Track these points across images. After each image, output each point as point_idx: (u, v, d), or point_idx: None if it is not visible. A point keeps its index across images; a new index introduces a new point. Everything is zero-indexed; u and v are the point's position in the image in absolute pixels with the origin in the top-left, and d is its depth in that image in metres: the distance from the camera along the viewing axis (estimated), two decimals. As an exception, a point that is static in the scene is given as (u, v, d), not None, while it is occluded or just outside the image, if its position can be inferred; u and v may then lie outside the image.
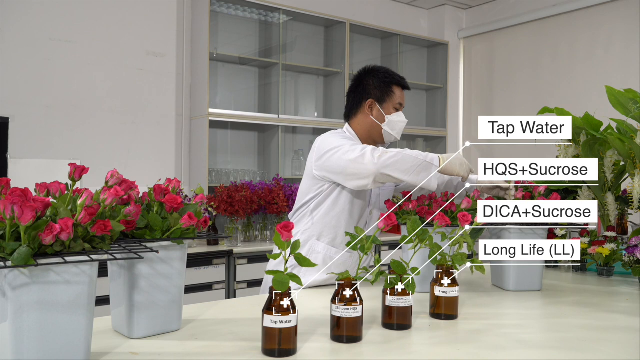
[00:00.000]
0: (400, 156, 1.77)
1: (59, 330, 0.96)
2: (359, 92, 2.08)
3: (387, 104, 2.04)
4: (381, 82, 2.05)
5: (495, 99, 5.23)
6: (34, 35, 3.43)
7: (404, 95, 2.08)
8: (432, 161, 1.79)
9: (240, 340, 1.23)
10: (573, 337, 1.31)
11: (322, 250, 1.97)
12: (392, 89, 2.04)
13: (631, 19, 4.22)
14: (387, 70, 2.08)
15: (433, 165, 1.79)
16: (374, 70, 2.09)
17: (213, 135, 4.10)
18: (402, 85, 2.07)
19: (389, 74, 2.07)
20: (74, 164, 1.14)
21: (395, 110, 2.05)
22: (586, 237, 2.20)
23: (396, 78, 2.06)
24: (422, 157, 1.79)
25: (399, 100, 2.05)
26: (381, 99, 2.04)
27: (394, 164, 1.76)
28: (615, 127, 2.30)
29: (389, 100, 2.04)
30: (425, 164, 1.78)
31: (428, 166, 1.78)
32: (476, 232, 1.92)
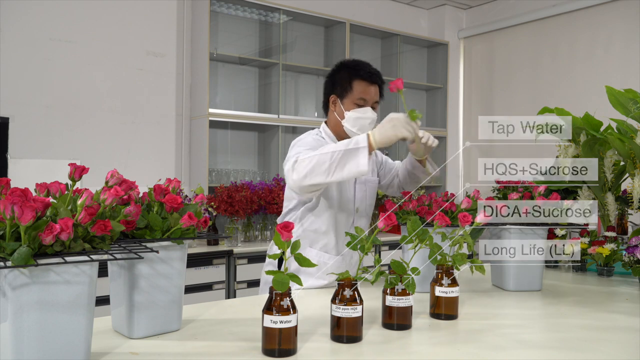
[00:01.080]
0: (316, 159, 1.65)
1: (59, 330, 0.96)
2: (327, 87, 2.05)
3: (347, 100, 1.96)
4: (343, 77, 1.97)
5: (495, 99, 5.23)
6: (34, 35, 3.43)
7: (373, 89, 1.96)
8: (356, 144, 1.63)
9: (240, 340, 1.23)
10: (573, 337, 1.31)
11: (314, 256, 1.96)
12: (352, 84, 1.95)
13: (631, 19, 4.22)
14: (355, 64, 1.99)
15: (359, 147, 1.62)
16: (344, 64, 2.02)
17: (213, 135, 4.10)
18: (367, 80, 1.95)
19: (354, 69, 1.97)
20: (74, 164, 1.14)
21: (356, 106, 1.95)
22: (586, 237, 2.20)
23: (360, 72, 1.95)
24: (342, 147, 1.64)
25: (360, 96, 1.94)
26: (342, 95, 1.97)
27: (310, 172, 1.65)
28: (615, 127, 2.30)
29: (349, 96, 1.95)
30: (347, 152, 1.62)
31: (352, 153, 1.62)
32: (476, 232, 1.93)
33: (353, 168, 1.62)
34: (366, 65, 2.00)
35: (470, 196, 1.90)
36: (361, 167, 1.61)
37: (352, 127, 1.96)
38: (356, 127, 1.95)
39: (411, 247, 1.43)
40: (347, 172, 1.63)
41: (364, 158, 1.60)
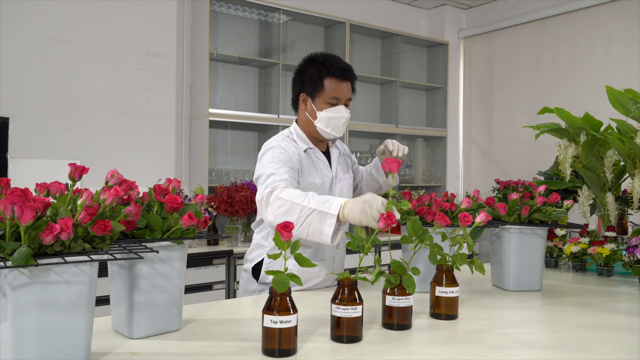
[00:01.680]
0: (288, 206, 1.58)
1: (59, 330, 0.96)
2: (297, 84, 1.95)
3: (318, 99, 1.88)
4: (313, 75, 1.88)
5: (495, 99, 5.23)
6: (34, 35, 3.43)
7: (345, 87, 1.87)
8: (328, 209, 1.52)
9: (240, 340, 1.23)
10: (573, 337, 1.31)
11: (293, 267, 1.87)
12: (324, 82, 1.86)
13: (631, 19, 4.22)
14: (324, 60, 1.89)
15: (329, 213, 1.52)
16: (313, 60, 1.91)
17: (213, 135, 4.10)
18: (338, 77, 1.86)
19: (324, 65, 1.87)
20: (74, 164, 1.14)
21: (329, 105, 1.86)
22: (586, 237, 2.20)
23: (331, 69, 1.85)
24: (313, 205, 1.54)
25: (332, 94, 1.86)
26: (313, 94, 1.89)
27: (281, 216, 1.58)
28: (615, 127, 2.30)
29: (320, 95, 1.87)
30: (317, 212, 1.53)
31: (321, 216, 1.53)
32: (476, 232, 1.93)
33: (317, 232, 1.55)
34: (337, 60, 1.90)
35: (470, 196, 1.90)
36: (324, 236, 1.54)
37: (325, 127, 1.88)
38: (330, 128, 1.88)
39: (411, 247, 1.43)
40: (310, 232, 1.56)
41: (329, 227, 1.52)
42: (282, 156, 1.81)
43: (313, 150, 1.96)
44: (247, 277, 2.00)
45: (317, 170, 1.94)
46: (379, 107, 5.12)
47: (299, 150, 1.91)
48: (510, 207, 1.83)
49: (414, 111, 5.37)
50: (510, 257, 1.81)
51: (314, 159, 1.95)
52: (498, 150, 5.22)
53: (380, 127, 4.81)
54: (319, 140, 1.98)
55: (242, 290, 2.03)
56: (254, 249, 2.01)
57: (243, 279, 2.03)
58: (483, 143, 5.35)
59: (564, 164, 2.30)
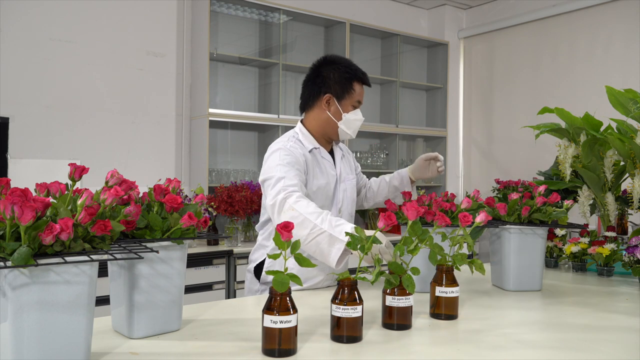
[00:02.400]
0: (301, 219, 1.60)
1: (59, 330, 0.96)
2: (317, 84, 1.96)
3: (345, 101, 1.93)
4: (342, 77, 1.93)
5: (495, 99, 5.23)
6: (34, 35, 3.43)
7: (363, 91, 1.98)
8: (339, 235, 1.55)
9: (240, 340, 1.23)
10: (573, 337, 1.31)
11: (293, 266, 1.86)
12: (353, 86, 1.93)
13: (631, 19, 4.22)
14: (349, 64, 1.96)
15: (339, 239, 1.55)
16: (335, 63, 1.96)
17: (213, 135, 4.10)
18: (364, 82, 1.96)
19: (350, 69, 1.94)
20: (74, 164, 1.14)
21: (353, 107, 1.94)
22: (586, 237, 2.20)
23: (358, 74, 1.94)
24: (325, 227, 1.58)
25: (358, 98, 1.95)
26: (340, 95, 1.93)
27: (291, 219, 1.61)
28: (615, 127, 2.30)
29: (348, 97, 1.93)
30: (327, 235, 1.57)
31: (331, 239, 1.57)
32: (476, 232, 1.93)
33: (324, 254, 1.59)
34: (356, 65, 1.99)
35: (470, 196, 1.90)
36: (330, 260, 1.58)
37: (347, 129, 1.95)
38: (351, 130, 1.95)
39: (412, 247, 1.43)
40: (318, 252, 1.61)
41: (335, 253, 1.57)
42: (288, 158, 1.82)
43: (319, 150, 1.98)
44: (250, 277, 2.02)
45: (322, 170, 1.96)
46: (379, 107, 5.12)
47: (304, 151, 1.92)
48: (510, 207, 1.83)
49: (414, 111, 5.37)
50: (510, 257, 1.81)
51: (319, 158, 1.97)
52: (498, 150, 5.22)
53: (380, 127, 4.81)
54: (327, 141, 2.02)
55: (246, 290, 2.05)
56: (257, 249, 2.02)
57: (247, 279, 2.05)
58: (483, 143, 5.35)
59: (564, 164, 2.30)
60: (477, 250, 5.01)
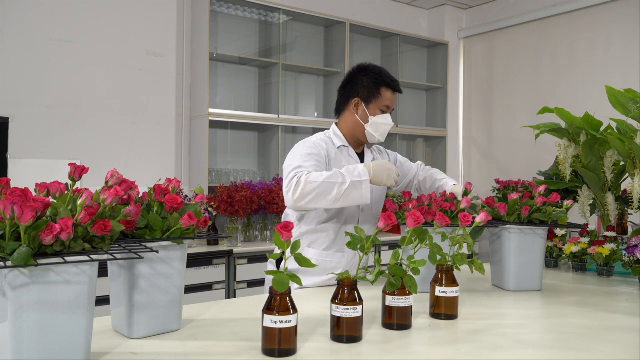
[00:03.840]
0: (324, 186, 1.75)
1: (59, 330, 0.96)
2: (348, 89, 2.07)
3: (373, 105, 2.02)
4: (371, 82, 2.02)
5: (495, 99, 5.23)
6: (34, 35, 3.43)
7: (394, 98, 2.06)
8: (359, 177, 1.77)
9: (240, 340, 1.23)
10: (573, 337, 1.31)
11: (313, 256, 1.98)
12: (380, 91, 2.02)
13: (631, 19, 4.22)
14: (380, 71, 2.05)
15: (362, 180, 1.77)
16: (367, 69, 2.06)
17: (213, 135, 4.10)
18: (393, 88, 2.04)
19: (380, 75, 2.03)
20: (74, 164, 1.14)
21: (381, 112, 2.02)
22: (586, 237, 2.20)
23: (387, 80, 2.03)
24: (347, 179, 1.76)
25: (386, 103, 2.02)
26: (368, 99, 2.02)
27: (314, 198, 1.75)
28: (615, 127, 2.30)
29: (375, 102, 2.02)
30: (352, 184, 1.76)
31: (356, 185, 1.76)
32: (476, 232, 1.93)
33: (357, 199, 1.77)
34: (388, 72, 2.07)
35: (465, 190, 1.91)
36: (364, 199, 1.77)
37: (374, 132, 2.02)
38: (378, 133, 2.02)
39: (411, 247, 1.43)
40: (350, 202, 1.78)
41: (366, 191, 1.77)
42: (309, 150, 1.94)
43: (347, 148, 2.07)
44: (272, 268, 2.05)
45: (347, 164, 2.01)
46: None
47: (330, 146, 2.02)
48: (510, 207, 1.83)
49: (414, 111, 5.37)
50: (510, 257, 1.81)
51: (346, 155, 2.06)
52: (498, 150, 5.22)
53: (380, 127, 4.80)
54: (358, 143, 2.10)
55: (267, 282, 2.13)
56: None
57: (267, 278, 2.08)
58: (483, 143, 5.35)
59: (564, 164, 2.30)
60: (477, 250, 5.01)
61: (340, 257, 2.01)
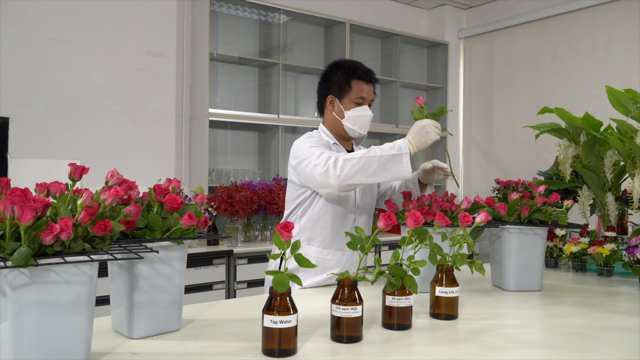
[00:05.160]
0: (363, 161, 1.73)
1: (59, 330, 0.96)
2: (322, 87, 2.07)
3: (346, 99, 2.00)
4: (341, 77, 2.01)
5: (495, 99, 5.23)
6: (34, 35, 3.43)
7: (369, 88, 2.02)
8: (399, 150, 1.75)
9: (240, 340, 1.23)
10: (573, 337, 1.31)
11: (313, 253, 1.97)
12: (351, 83, 2.00)
13: (631, 19, 4.22)
14: (350, 64, 2.03)
15: (402, 153, 1.74)
16: (338, 65, 2.05)
17: (213, 135, 4.10)
18: (364, 79, 2.01)
19: (350, 68, 2.01)
20: (74, 164, 1.14)
21: (356, 104, 2.00)
22: (586, 237, 2.20)
23: (357, 72, 2.00)
24: (387, 152, 1.74)
25: (359, 94, 2.00)
26: (340, 95, 2.01)
27: (356, 172, 1.73)
28: (615, 127, 2.30)
29: (348, 95, 2.00)
30: (392, 157, 1.74)
31: (397, 158, 1.74)
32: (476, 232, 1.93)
33: (399, 172, 1.74)
34: (360, 64, 2.05)
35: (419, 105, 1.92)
36: (405, 172, 1.74)
37: (352, 125, 2.00)
38: (357, 126, 2.00)
39: (411, 247, 1.43)
40: (390, 175, 1.74)
41: (407, 164, 1.74)
42: (316, 142, 1.94)
43: (337, 146, 2.06)
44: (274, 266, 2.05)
45: None
46: (379, 107, 5.12)
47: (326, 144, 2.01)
48: (510, 207, 1.83)
49: (414, 111, 5.36)
50: (510, 257, 1.81)
51: None
52: (498, 150, 5.22)
53: (380, 127, 4.81)
54: (345, 140, 2.09)
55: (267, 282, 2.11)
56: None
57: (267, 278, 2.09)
58: (483, 143, 5.35)
59: (564, 164, 2.30)
60: (477, 250, 5.01)
61: (340, 256, 2.01)
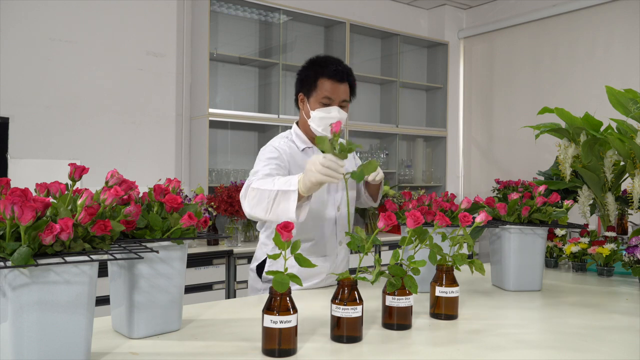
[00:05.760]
0: (259, 195, 1.60)
1: (59, 330, 0.96)
2: (296, 85, 1.99)
3: (312, 99, 1.89)
4: (311, 75, 1.90)
5: (495, 99, 5.23)
6: (34, 35, 3.43)
7: (341, 88, 1.88)
8: (289, 187, 1.54)
9: (240, 340, 1.23)
10: (573, 337, 1.31)
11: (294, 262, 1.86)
12: (317, 83, 1.88)
13: (631, 19, 4.22)
14: (322, 62, 1.92)
15: (290, 190, 1.54)
16: (311, 62, 1.95)
17: (213, 135, 4.10)
18: (334, 78, 1.87)
19: (320, 66, 1.90)
20: (74, 164, 1.14)
21: (322, 105, 1.88)
22: (586, 237, 2.20)
23: (326, 70, 1.87)
24: (277, 187, 1.56)
25: (325, 94, 1.87)
26: (308, 93, 1.91)
27: (254, 206, 1.62)
28: (615, 127, 2.30)
29: (315, 95, 1.89)
30: (281, 193, 1.55)
31: (284, 196, 1.55)
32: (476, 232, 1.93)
33: (285, 212, 1.55)
34: (335, 62, 1.91)
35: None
36: (290, 214, 1.54)
37: (317, 126, 1.89)
38: (321, 127, 1.88)
39: (411, 247, 1.43)
40: (278, 214, 1.57)
41: (293, 203, 1.53)
42: (271, 154, 1.85)
43: (312, 149, 1.97)
44: (253, 275, 2.02)
45: None
46: (379, 107, 5.12)
47: (294, 151, 1.93)
48: (510, 207, 1.83)
49: (414, 111, 5.37)
50: (510, 257, 1.81)
51: None
52: (498, 150, 5.22)
53: (380, 127, 4.81)
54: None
55: (249, 289, 2.05)
56: (259, 247, 2.04)
57: (250, 278, 2.05)
58: (483, 143, 5.35)
59: (564, 164, 2.30)
60: (477, 250, 5.01)
61: (323, 262, 1.94)
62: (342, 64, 1.93)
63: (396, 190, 4.40)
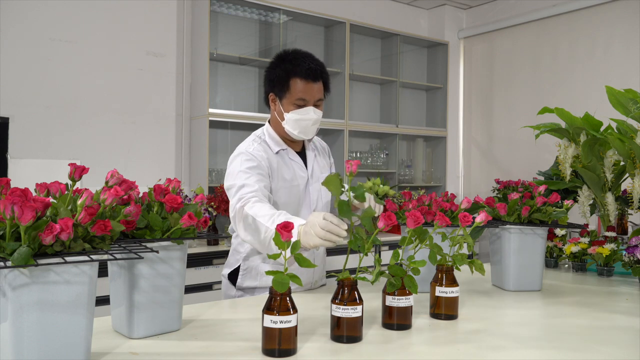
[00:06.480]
0: (255, 225, 1.57)
1: (59, 330, 0.96)
2: (265, 82, 1.86)
3: (285, 100, 1.78)
4: (282, 73, 1.77)
5: (495, 99, 5.23)
6: (34, 35, 3.43)
7: (315, 87, 1.78)
8: None
9: (240, 340, 1.23)
10: (573, 337, 1.31)
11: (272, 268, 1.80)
12: (290, 83, 1.76)
13: (631, 19, 4.22)
14: (293, 59, 1.79)
15: None
16: (282, 58, 1.82)
17: (213, 135, 4.10)
18: (307, 78, 1.76)
19: (291, 64, 1.77)
20: (74, 164, 1.14)
21: (296, 106, 1.77)
22: (586, 237, 2.20)
23: (297, 69, 1.75)
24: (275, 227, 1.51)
25: (299, 95, 1.76)
26: (280, 94, 1.79)
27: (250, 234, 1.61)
28: (615, 127, 2.30)
29: (288, 96, 1.77)
30: None
31: None
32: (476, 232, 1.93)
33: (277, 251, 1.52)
34: (306, 59, 1.80)
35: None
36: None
37: (293, 129, 1.80)
38: (297, 130, 1.80)
39: (411, 247, 1.43)
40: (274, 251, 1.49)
41: None
42: (250, 163, 1.75)
43: (286, 151, 1.88)
44: (226, 282, 1.95)
45: (291, 172, 1.86)
46: (379, 107, 5.12)
47: (269, 154, 1.84)
48: (510, 207, 1.83)
49: (414, 111, 5.37)
50: (510, 257, 1.81)
51: (287, 160, 1.87)
52: (498, 150, 5.22)
53: (380, 127, 4.81)
54: (292, 141, 1.90)
55: (223, 295, 1.97)
56: (231, 254, 1.97)
57: (223, 285, 1.97)
58: (483, 143, 5.35)
59: (564, 164, 2.30)
60: (477, 250, 5.01)
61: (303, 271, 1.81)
62: (314, 59, 1.82)
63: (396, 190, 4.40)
